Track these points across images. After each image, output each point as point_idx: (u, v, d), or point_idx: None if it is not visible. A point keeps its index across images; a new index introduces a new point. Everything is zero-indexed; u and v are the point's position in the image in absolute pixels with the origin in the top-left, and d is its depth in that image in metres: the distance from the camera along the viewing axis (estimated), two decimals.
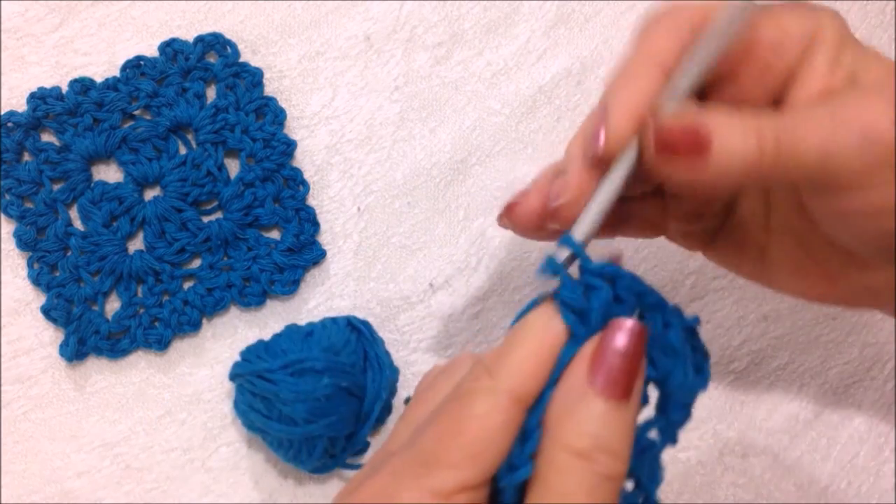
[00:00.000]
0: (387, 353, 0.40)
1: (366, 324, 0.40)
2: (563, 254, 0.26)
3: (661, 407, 0.26)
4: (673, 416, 0.25)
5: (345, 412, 0.37)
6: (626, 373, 0.24)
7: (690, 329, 0.26)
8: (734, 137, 0.25)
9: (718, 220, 0.33)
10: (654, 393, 0.26)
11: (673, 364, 0.25)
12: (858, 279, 0.29)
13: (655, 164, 0.26)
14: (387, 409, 0.40)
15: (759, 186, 0.26)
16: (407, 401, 0.31)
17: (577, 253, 0.26)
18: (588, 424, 0.23)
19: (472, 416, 0.24)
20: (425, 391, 0.29)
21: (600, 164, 0.27)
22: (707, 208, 0.33)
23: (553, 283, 0.26)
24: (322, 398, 0.36)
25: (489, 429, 0.24)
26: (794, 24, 0.27)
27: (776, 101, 0.28)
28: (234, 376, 0.39)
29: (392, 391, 0.40)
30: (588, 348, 0.24)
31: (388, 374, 0.39)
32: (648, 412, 0.26)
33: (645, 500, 0.26)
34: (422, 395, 0.28)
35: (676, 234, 0.34)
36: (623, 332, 0.24)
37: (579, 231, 0.27)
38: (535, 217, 0.29)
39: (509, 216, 0.30)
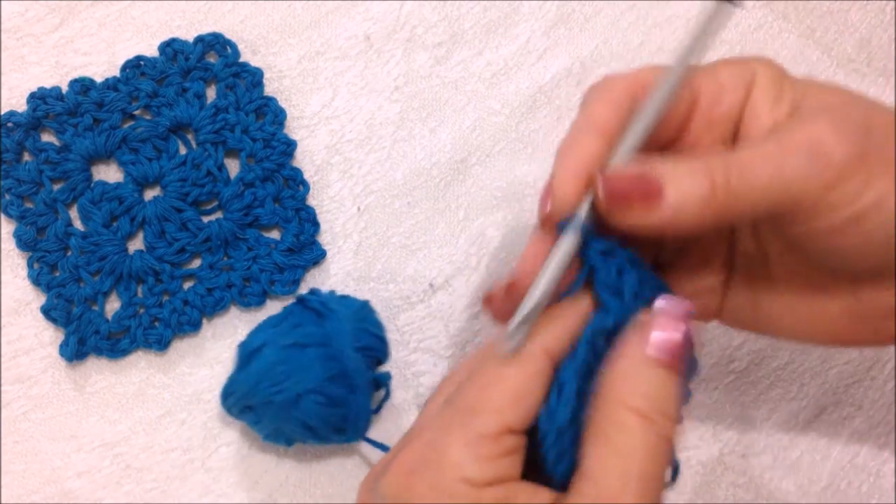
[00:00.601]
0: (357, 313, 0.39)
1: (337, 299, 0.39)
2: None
3: None
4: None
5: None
6: (685, 346, 0.26)
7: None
8: (684, 178, 0.26)
9: (720, 280, 0.33)
10: None
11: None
12: (872, 304, 0.29)
13: (610, 215, 0.27)
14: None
15: (719, 224, 0.27)
16: None
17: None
18: (650, 387, 0.25)
19: (510, 366, 0.26)
20: (452, 374, 0.30)
21: (551, 230, 0.28)
22: (703, 269, 0.33)
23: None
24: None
25: (525, 376, 0.26)
26: (728, 74, 0.29)
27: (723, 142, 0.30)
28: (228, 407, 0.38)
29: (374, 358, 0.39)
30: (648, 319, 0.26)
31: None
32: None
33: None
34: (449, 377, 0.30)
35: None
36: (683, 309, 0.26)
37: (526, 305, 0.27)
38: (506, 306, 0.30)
39: (489, 307, 0.31)
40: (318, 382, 0.35)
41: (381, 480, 0.27)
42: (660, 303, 0.27)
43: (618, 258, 0.27)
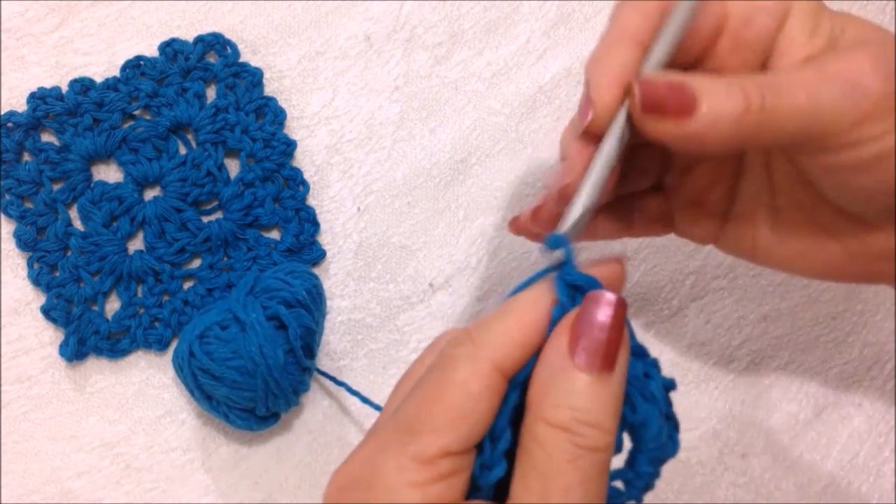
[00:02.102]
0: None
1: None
2: (555, 254, 0.26)
3: (632, 459, 0.26)
4: (641, 468, 0.25)
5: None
6: (609, 344, 0.24)
7: (668, 388, 0.26)
8: (719, 93, 0.26)
9: (723, 206, 0.33)
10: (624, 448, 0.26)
11: (651, 411, 0.25)
12: (873, 245, 0.29)
13: (644, 126, 0.26)
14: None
15: (748, 145, 0.27)
16: None
17: (566, 254, 0.26)
18: (569, 397, 0.23)
19: (453, 382, 0.24)
20: (412, 365, 0.29)
21: (593, 138, 0.28)
22: (708, 194, 0.33)
23: (550, 261, 0.26)
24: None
25: (470, 395, 0.24)
26: (764, 3, 0.28)
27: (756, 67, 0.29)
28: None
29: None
30: (567, 321, 0.24)
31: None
32: (618, 462, 0.25)
33: None
34: (409, 370, 0.29)
35: (684, 227, 0.34)
36: (604, 304, 0.24)
37: (579, 204, 0.27)
38: (543, 216, 0.30)
39: (516, 224, 0.31)
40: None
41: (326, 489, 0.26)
42: (589, 298, 0.25)
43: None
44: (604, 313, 0.24)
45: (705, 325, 0.43)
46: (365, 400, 0.40)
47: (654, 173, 0.34)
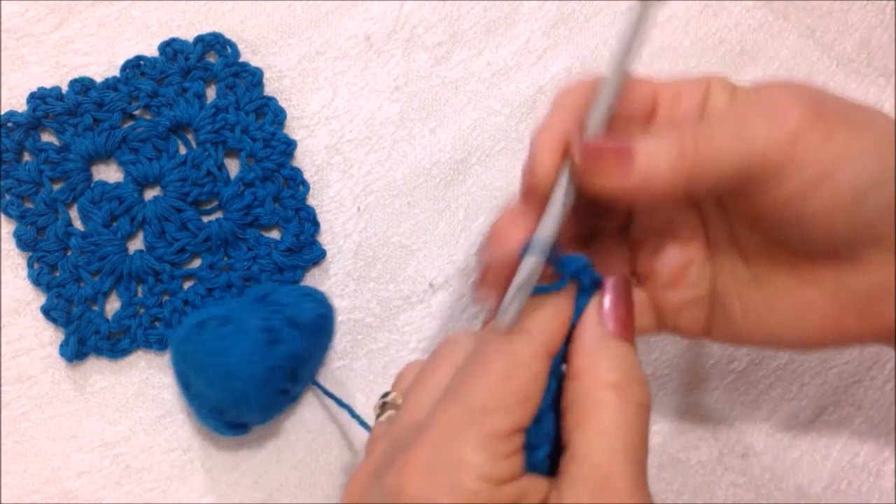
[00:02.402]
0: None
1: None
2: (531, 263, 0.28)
3: None
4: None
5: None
6: (632, 318, 0.28)
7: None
8: (653, 144, 0.28)
9: (703, 287, 0.33)
10: None
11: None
12: (856, 286, 0.29)
13: (586, 181, 0.28)
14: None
15: (691, 191, 0.28)
16: (385, 395, 0.32)
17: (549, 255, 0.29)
18: (617, 360, 0.27)
19: (519, 365, 0.27)
20: (434, 360, 0.30)
21: (536, 199, 0.30)
22: (683, 274, 0.33)
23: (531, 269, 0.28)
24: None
25: (533, 375, 0.27)
26: (685, 82, 0.31)
27: None
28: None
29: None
30: (595, 304, 0.28)
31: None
32: None
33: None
34: (429, 367, 0.30)
35: (671, 318, 0.34)
36: (622, 287, 0.29)
37: (519, 274, 0.28)
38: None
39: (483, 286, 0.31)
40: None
41: (387, 479, 0.26)
42: (608, 283, 0.28)
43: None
44: (625, 294, 0.28)
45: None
46: (355, 416, 0.39)
47: (619, 263, 0.35)
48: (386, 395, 0.32)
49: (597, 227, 0.33)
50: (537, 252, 0.28)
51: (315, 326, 0.38)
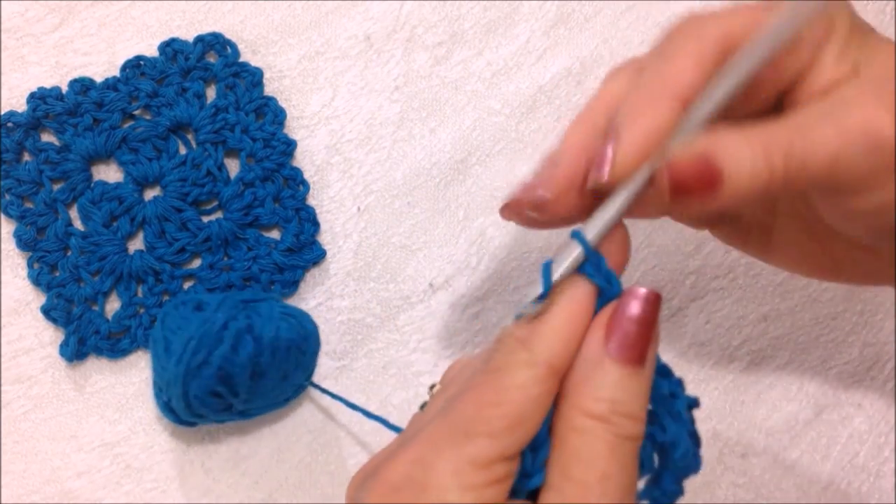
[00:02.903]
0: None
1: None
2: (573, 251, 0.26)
3: (658, 477, 0.26)
4: (668, 487, 0.26)
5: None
6: (641, 338, 0.25)
7: (692, 406, 0.27)
8: (744, 163, 0.25)
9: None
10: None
11: (679, 430, 0.26)
12: (863, 262, 0.30)
13: (671, 206, 0.26)
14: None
15: (780, 196, 0.28)
16: (432, 387, 0.31)
17: (588, 254, 0.26)
18: (605, 390, 0.24)
19: (512, 387, 0.25)
20: (457, 373, 0.29)
21: (596, 192, 0.27)
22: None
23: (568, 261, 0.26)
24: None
25: (528, 400, 0.24)
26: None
27: (783, 91, 0.28)
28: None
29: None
30: (603, 316, 0.25)
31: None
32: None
33: None
34: (451, 378, 0.29)
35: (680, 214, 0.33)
36: (637, 299, 0.25)
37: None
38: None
39: (509, 209, 0.30)
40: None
41: (364, 489, 0.26)
42: (626, 295, 0.25)
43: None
44: (637, 308, 0.25)
45: (705, 325, 0.43)
46: (356, 408, 0.39)
47: None
48: (433, 386, 0.31)
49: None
50: (585, 243, 0.26)
51: (277, 348, 0.35)
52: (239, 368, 0.35)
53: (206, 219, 0.41)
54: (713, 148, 0.25)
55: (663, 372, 0.26)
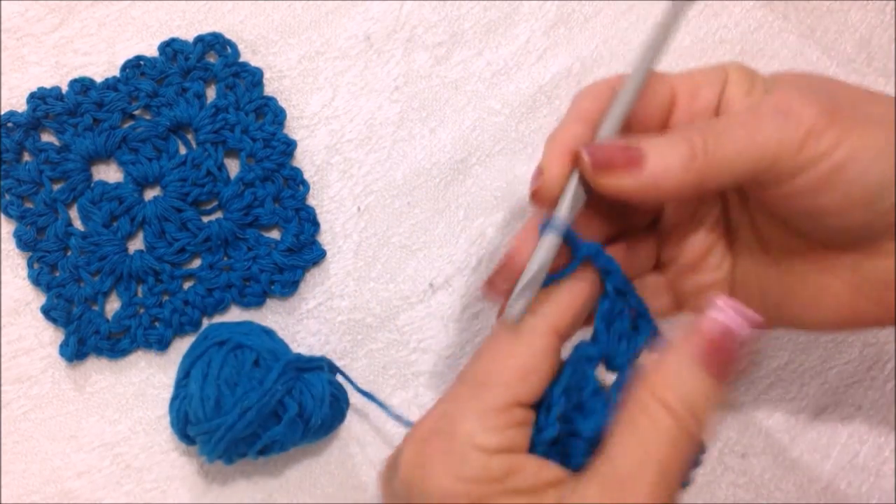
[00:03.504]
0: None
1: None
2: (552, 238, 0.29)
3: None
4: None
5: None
6: (735, 361, 0.27)
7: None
8: (664, 144, 0.28)
9: (723, 272, 0.33)
10: None
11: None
12: (871, 273, 0.30)
13: (599, 183, 0.28)
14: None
15: (702, 190, 0.28)
16: None
17: (569, 235, 0.29)
18: (685, 388, 0.26)
19: (520, 342, 0.28)
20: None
21: (545, 203, 0.30)
22: (704, 260, 0.33)
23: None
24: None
25: (535, 352, 0.28)
26: (702, 74, 0.31)
27: None
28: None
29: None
30: (706, 324, 0.27)
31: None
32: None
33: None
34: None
35: (689, 301, 0.34)
36: (747, 328, 0.27)
37: (527, 272, 0.29)
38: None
39: (491, 288, 0.31)
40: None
41: (397, 456, 0.28)
42: (719, 304, 0.27)
43: (629, 300, 0.30)
44: (745, 336, 0.27)
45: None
46: (369, 397, 0.40)
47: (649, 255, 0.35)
48: None
49: (627, 226, 0.34)
50: (555, 229, 0.28)
51: (321, 427, 0.38)
52: (281, 444, 0.37)
53: (206, 219, 0.41)
54: (632, 139, 0.29)
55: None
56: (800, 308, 0.32)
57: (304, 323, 0.42)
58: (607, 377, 0.30)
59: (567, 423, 0.28)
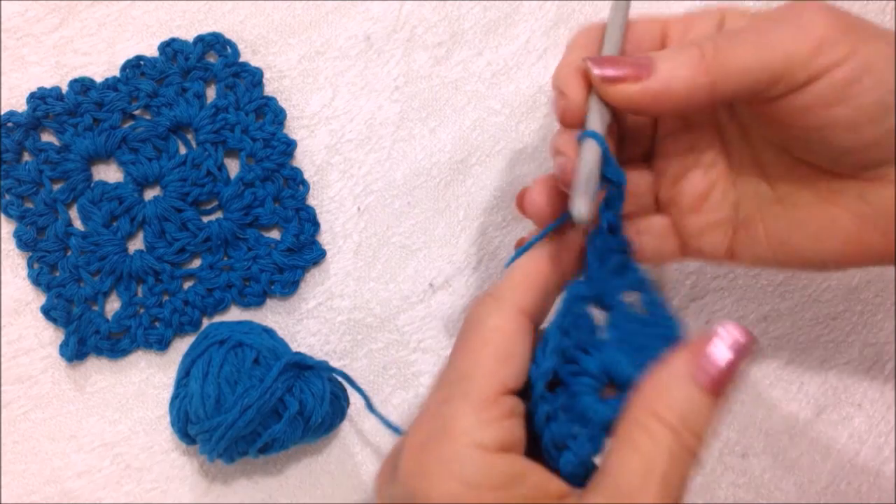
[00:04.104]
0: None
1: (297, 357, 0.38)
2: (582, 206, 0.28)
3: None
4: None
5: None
6: (729, 376, 0.26)
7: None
8: (672, 52, 0.28)
9: (724, 212, 0.33)
10: None
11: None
12: (878, 202, 0.29)
13: (608, 94, 0.28)
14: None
15: (713, 98, 0.28)
16: None
17: (601, 144, 0.28)
18: (681, 404, 0.26)
19: (489, 330, 0.27)
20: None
21: (574, 123, 0.30)
22: (704, 199, 0.33)
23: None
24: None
25: (509, 336, 0.27)
26: (697, 14, 0.31)
27: None
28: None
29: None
30: (702, 341, 0.27)
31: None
32: None
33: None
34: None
35: (694, 244, 0.34)
36: (741, 343, 0.27)
37: (581, 171, 0.28)
38: (538, 208, 0.30)
39: (521, 206, 0.31)
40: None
41: (396, 464, 0.27)
42: (720, 329, 0.27)
43: (617, 245, 0.30)
44: (736, 352, 0.27)
45: (705, 325, 0.43)
46: (360, 392, 0.40)
47: (645, 192, 0.34)
48: None
49: (620, 156, 0.32)
50: (594, 134, 0.28)
51: (321, 426, 0.38)
52: (282, 443, 0.37)
53: (206, 219, 0.41)
54: (640, 53, 0.29)
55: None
56: (806, 243, 0.31)
57: (304, 323, 0.42)
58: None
59: (571, 362, 0.28)
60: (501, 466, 0.26)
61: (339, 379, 0.39)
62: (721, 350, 0.26)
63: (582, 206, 0.27)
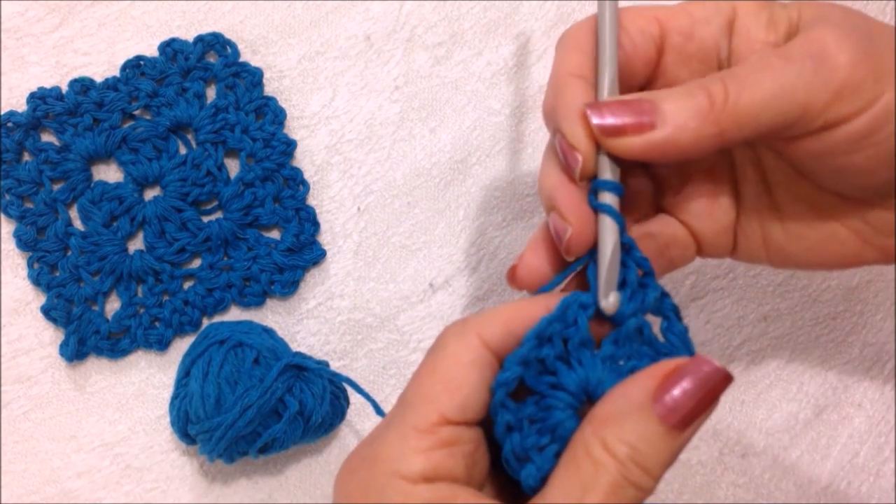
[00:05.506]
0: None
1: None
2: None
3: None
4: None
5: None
6: (696, 410, 0.24)
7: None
8: (679, 97, 0.26)
9: (730, 217, 0.32)
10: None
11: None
12: (880, 223, 0.29)
13: (611, 148, 0.26)
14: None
15: (723, 143, 0.26)
16: None
17: (614, 216, 0.27)
18: (634, 436, 0.24)
19: (444, 356, 0.26)
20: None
21: (585, 181, 0.28)
22: (712, 208, 0.32)
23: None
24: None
25: (460, 365, 0.26)
26: (701, 8, 0.28)
27: None
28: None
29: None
30: (664, 368, 0.24)
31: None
32: None
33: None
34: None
35: (703, 247, 0.33)
36: (711, 375, 0.24)
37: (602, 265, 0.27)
38: (536, 273, 0.29)
39: (513, 279, 0.30)
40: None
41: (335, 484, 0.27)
42: (690, 358, 0.25)
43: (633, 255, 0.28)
44: (704, 385, 0.24)
45: (705, 325, 0.43)
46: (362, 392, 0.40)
47: (645, 198, 0.33)
48: None
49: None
50: (611, 211, 0.27)
51: (321, 426, 0.38)
52: (282, 443, 0.37)
53: (206, 219, 0.41)
54: (643, 94, 0.26)
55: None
56: (803, 254, 0.31)
57: (304, 323, 0.42)
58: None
59: (550, 374, 0.26)
60: (424, 496, 0.24)
61: (344, 384, 0.39)
62: (687, 382, 0.24)
63: (612, 299, 0.26)
